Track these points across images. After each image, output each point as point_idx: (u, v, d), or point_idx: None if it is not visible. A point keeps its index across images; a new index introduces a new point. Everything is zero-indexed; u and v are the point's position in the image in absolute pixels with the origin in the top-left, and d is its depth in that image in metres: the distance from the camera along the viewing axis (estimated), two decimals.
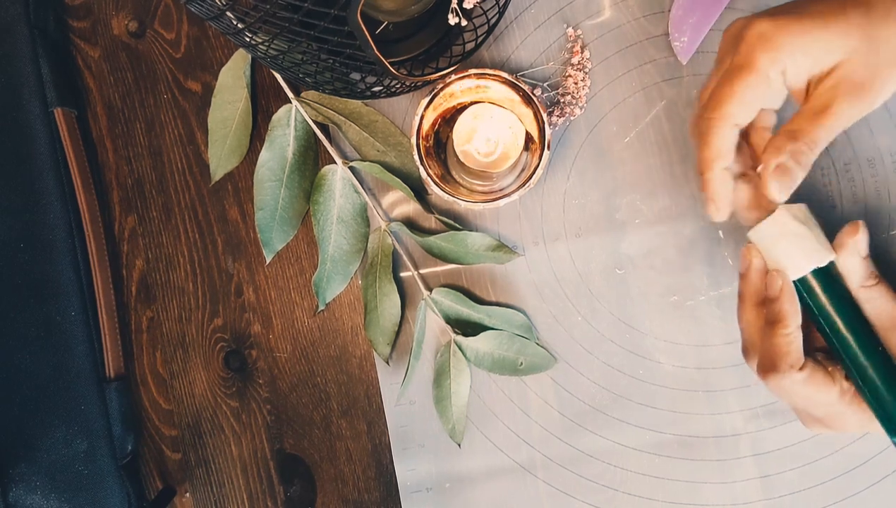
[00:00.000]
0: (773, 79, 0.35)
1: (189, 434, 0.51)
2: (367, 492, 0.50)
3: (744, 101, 0.36)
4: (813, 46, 0.35)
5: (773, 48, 0.35)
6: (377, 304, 0.49)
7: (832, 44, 0.35)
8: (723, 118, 0.36)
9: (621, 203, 0.49)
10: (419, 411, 0.50)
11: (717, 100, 0.36)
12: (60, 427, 0.47)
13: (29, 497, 0.47)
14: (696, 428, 0.49)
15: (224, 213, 0.51)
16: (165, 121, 0.51)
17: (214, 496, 0.51)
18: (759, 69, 0.35)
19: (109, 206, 0.52)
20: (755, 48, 0.35)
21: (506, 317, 0.49)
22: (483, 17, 0.46)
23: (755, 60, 0.35)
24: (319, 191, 0.49)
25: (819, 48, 0.35)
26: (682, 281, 0.49)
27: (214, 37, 0.51)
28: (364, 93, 0.45)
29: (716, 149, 0.37)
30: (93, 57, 0.51)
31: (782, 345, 0.37)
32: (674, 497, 0.49)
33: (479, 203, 0.45)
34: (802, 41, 0.35)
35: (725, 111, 0.36)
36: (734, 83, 0.36)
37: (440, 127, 0.48)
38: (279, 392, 0.51)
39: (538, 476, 0.49)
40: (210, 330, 0.51)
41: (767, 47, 0.35)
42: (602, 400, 0.49)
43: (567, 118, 0.49)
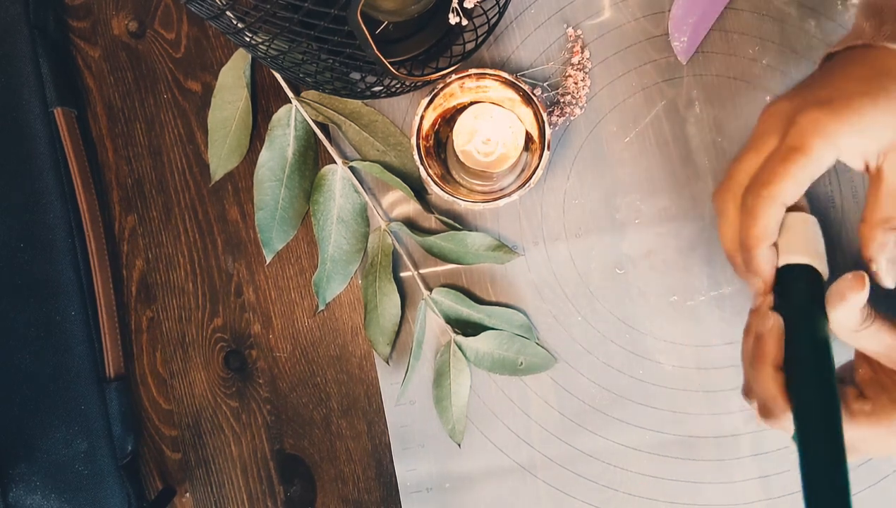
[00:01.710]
0: (826, 163, 0.36)
1: (189, 434, 0.51)
2: (367, 492, 0.50)
3: (796, 183, 0.36)
4: (867, 128, 0.35)
5: (828, 134, 0.35)
6: (377, 304, 0.49)
7: (884, 123, 0.35)
8: (774, 197, 0.36)
9: (621, 203, 0.49)
10: (419, 411, 0.50)
11: (769, 179, 0.36)
12: (60, 428, 0.47)
13: (29, 497, 0.47)
14: (696, 428, 0.49)
15: (224, 213, 0.51)
16: (165, 121, 0.51)
17: (214, 496, 0.51)
18: (814, 154, 0.35)
19: (109, 206, 0.52)
20: (810, 134, 0.36)
21: (506, 317, 0.49)
22: (483, 17, 0.46)
23: (811, 146, 0.35)
24: (319, 190, 0.49)
25: (873, 129, 0.35)
26: (682, 282, 0.49)
27: (214, 37, 0.51)
28: (364, 93, 0.45)
29: (764, 228, 0.37)
30: (93, 57, 0.51)
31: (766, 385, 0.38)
32: (674, 497, 0.49)
33: (479, 203, 0.45)
34: (856, 126, 0.35)
35: (777, 190, 0.36)
36: (788, 165, 0.36)
37: (440, 127, 0.48)
38: (279, 392, 0.51)
39: (538, 476, 0.49)
40: (210, 330, 0.51)
41: (823, 134, 0.35)
42: (602, 400, 0.49)
43: (567, 118, 0.49)
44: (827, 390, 0.35)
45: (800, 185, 0.36)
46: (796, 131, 0.36)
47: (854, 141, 0.35)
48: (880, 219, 0.36)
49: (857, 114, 0.35)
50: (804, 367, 0.36)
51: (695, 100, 0.48)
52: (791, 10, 0.48)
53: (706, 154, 0.48)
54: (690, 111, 0.48)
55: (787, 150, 0.36)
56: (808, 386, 0.35)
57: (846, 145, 0.35)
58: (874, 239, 0.37)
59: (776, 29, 0.48)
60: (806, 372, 0.36)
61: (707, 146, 0.48)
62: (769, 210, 0.37)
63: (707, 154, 0.48)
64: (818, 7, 0.48)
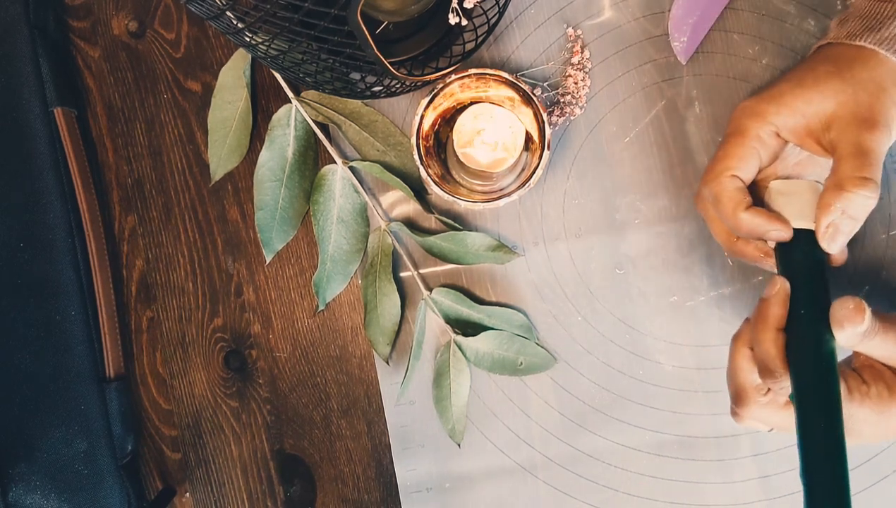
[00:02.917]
0: (766, 138, 0.40)
1: (189, 434, 0.51)
2: (367, 492, 0.50)
3: (738, 158, 0.40)
4: (795, 104, 0.39)
5: (757, 113, 0.40)
6: (377, 304, 0.49)
7: (813, 97, 0.39)
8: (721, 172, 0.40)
9: (621, 203, 0.49)
10: (419, 411, 0.50)
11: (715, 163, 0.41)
12: (60, 428, 0.47)
13: (29, 497, 0.47)
14: (695, 429, 0.49)
15: (224, 213, 0.51)
16: (165, 121, 0.51)
17: (214, 496, 0.51)
18: (746, 132, 0.40)
19: (109, 206, 0.52)
20: (740, 117, 0.41)
21: (506, 317, 0.49)
22: (483, 17, 0.46)
23: (742, 126, 0.40)
24: (319, 190, 0.49)
25: (800, 103, 0.39)
26: (682, 282, 0.49)
27: (214, 37, 0.51)
28: (364, 93, 0.45)
29: (730, 201, 0.40)
30: (93, 57, 0.51)
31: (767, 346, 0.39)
32: (674, 497, 0.49)
33: (479, 203, 0.45)
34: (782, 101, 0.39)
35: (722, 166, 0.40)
36: (727, 145, 0.41)
37: (440, 127, 0.48)
38: (279, 392, 0.51)
39: (538, 477, 0.49)
40: (210, 330, 0.51)
41: (752, 114, 0.40)
42: (602, 401, 0.49)
43: (567, 118, 0.49)
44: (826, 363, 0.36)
45: (743, 161, 0.40)
46: (732, 119, 0.42)
47: (784, 118, 0.39)
48: (831, 184, 0.38)
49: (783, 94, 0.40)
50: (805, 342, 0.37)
51: (694, 99, 0.48)
52: (791, 10, 0.48)
53: (706, 153, 0.48)
54: (690, 111, 0.48)
55: (726, 137, 0.41)
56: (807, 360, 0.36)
57: (779, 122, 0.39)
58: (821, 200, 0.38)
59: (776, 29, 0.48)
60: (806, 347, 0.36)
61: (707, 145, 0.48)
62: (723, 184, 0.40)
63: (707, 153, 0.48)
64: (818, 7, 0.48)
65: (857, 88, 0.38)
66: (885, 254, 0.48)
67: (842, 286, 0.48)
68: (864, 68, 0.38)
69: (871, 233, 0.48)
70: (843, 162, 0.37)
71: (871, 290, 0.48)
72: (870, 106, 0.37)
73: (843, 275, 0.48)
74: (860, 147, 0.37)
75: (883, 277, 0.48)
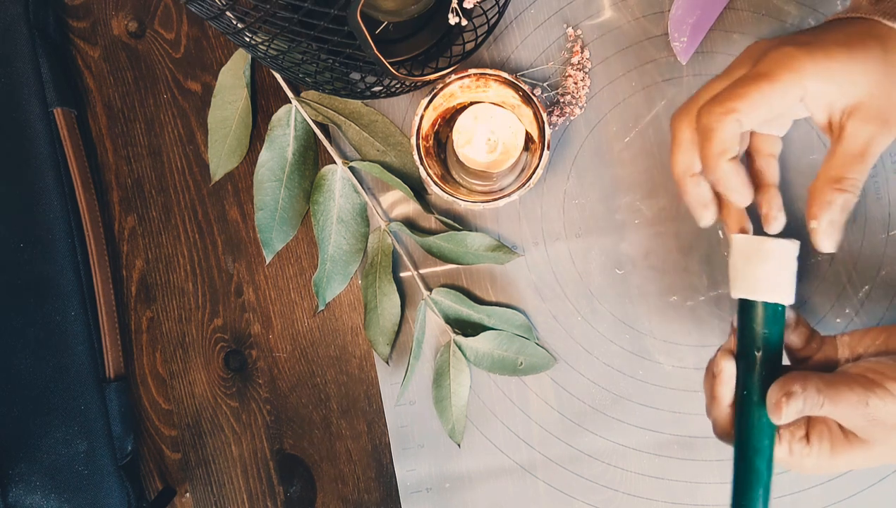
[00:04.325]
0: (790, 97, 0.36)
1: (189, 435, 0.51)
2: (367, 492, 0.50)
3: (754, 105, 0.36)
4: (837, 75, 0.35)
5: (796, 68, 0.35)
6: (377, 304, 0.49)
7: (856, 75, 0.35)
8: (728, 111, 0.36)
9: (621, 203, 0.49)
10: (419, 411, 0.50)
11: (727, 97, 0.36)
12: (60, 428, 0.47)
13: (29, 497, 0.47)
14: (696, 428, 0.49)
15: (224, 213, 0.51)
16: (165, 121, 0.51)
17: (214, 496, 0.51)
18: (778, 82, 0.35)
19: (109, 206, 0.52)
20: (779, 64, 0.35)
21: (506, 317, 0.49)
22: (483, 17, 0.46)
23: (776, 73, 0.35)
24: (319, 191, 0.49)
25: (843, 78, 0.35)
26: (682, 282, 0.49)
27: (214, 37, 0.51)
28: (364, 93, 0.45)
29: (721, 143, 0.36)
30: (93, 57, 0.51)
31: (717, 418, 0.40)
32: (674, 497, 0.49)
33: (479, 203, 0.45)
34: (827, 68, 0.35)
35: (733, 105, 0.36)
36: (749, 86, 0.36)
37: (440, 127, 0.48)
38: (279, 392, 0.51)
39: (538, 477, 0.49)
40: (210, 330, 0.51)
41: (791, 66, 0.35)
42: (602, 401, 0.49)
43: (567, 118, 0.49)
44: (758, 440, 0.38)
45: (757, 110, 0.36)
46: (767, 60, 0.36)
47: (821, 86, 0.35)
48: (831, 178, 0.36)
49: (831, 59, 0.35)
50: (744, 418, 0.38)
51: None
52: (791, 10, 0.48)
53: None
54: None
55: (753, 75, 0.36)
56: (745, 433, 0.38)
57: (813, 88, 0.35)
58: (821, 195, 0.36)
59: (776, 29, 0.48)
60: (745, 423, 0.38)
61: None
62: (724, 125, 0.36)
63: None
64: (818, 6, 0.48)
65: (893, 82, 0.35)
66: (885, 254, 0.48)
67: (842, 286, 0.48)
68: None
69: (870, 233, 0.48)
70: (850, 159, 0.36)
71: (871, 290, 0.48)
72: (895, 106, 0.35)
73: (844, 276, 0.48)
74: (869, 147, 0.36)
75: (883, 277, 0.48)
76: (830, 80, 0.35)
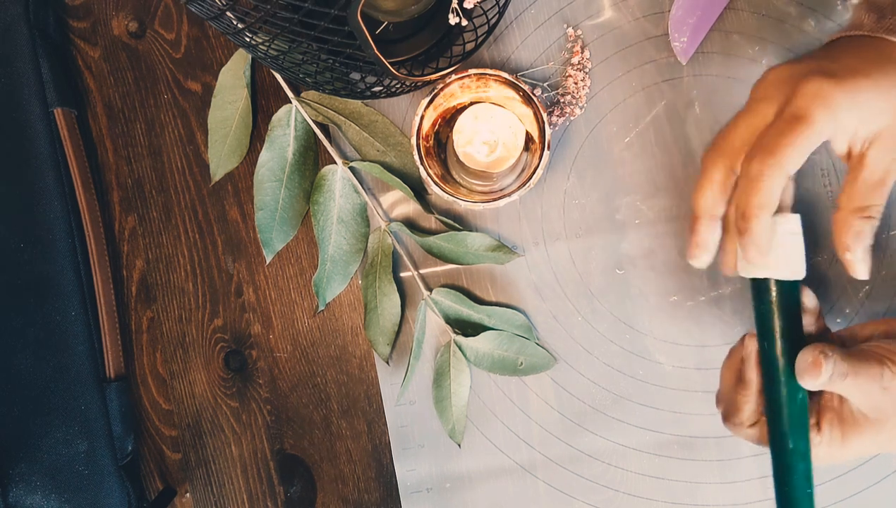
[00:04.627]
0: (826, 135, 0.35)
1: (189, 435, 0.51)
2: (367, 492, 0.50)
3: (800, 153, 0.35)
4: (864, 107, 0.35)
5: (830, 105, 0.35)
6: (377, 304, 0.49)
7: (880, 105, 0.35)
8: (781, 166, 0.35)
9: (621, 203, 0.49)
10: (419, 411, 0.50)
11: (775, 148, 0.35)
12: (60, 428, 0.47)
13: (29, 497, 0.47)
14: (696, 429, 0.49)
15: (224, 213, 0.51)
16: (165, 121, 0.51)
17: (214, 496, 0.51)
18: (817, 124, 0.35)
19: (109, 206, 0.52)
20: (813, 103, 0.35)
21: (506, 317, 0.49)
22: (483, 17, 0.46)
23: (814, 115, 0.35)
24: (319, 191, 0.49)
25: (869, 109, 0.35)
26: (682, 282, 0.49)
27: (214, 37, 0.51)
28: (364, 93, 0.45)
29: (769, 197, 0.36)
30: (93, 57, 0.51)
31: (740, 403, 0.39)
32: (674, 497, 0.49)
33: (479, 203, 0.45)
34: (855, 100, 0.35)
35: (784, 159, 0.35)
36: (794, 134, 0.35)
37: (440, 127, 0.48)
38: (279, 392, 0.51)
39: (538, 476, 0.49)
40: (210, 330, 0.51)
41: (825, 104, 0.35)
42: (602, 401, 0.49)
43: (567, 118, 0.49)
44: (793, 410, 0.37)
45: (803, 156, 0.35)
46: (800, 98, 0.35)
47: (850, 120, 0.35)
48: (857, 208, 0.36)
49: (859, 91, 0.35)
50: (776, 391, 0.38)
51: (695, 100, 0.48)
52: (791, 10, 0.48)
53: None
54: (690, 111, 0.48)
55: (791, 119, 0.35)
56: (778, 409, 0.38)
57: (844, 122, 0.35)
58: (851, 227, 0.37)
59: (776, 29, 0.48)
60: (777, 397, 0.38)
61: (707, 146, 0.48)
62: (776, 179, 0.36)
63: None
64: (818, 7, 0.48)
65: None
66: (885, 254, 0.48)
67: (842, 286, 0.48)
68: None
69: None
70: (872, 187, 0.36)
71: (871, 290, 0.48)
72: None
73: (844, 276, 0.48)
74: (889, 174, 0.36)
75: (883, 277, 0.48)
76: (860, 112, 0.35)
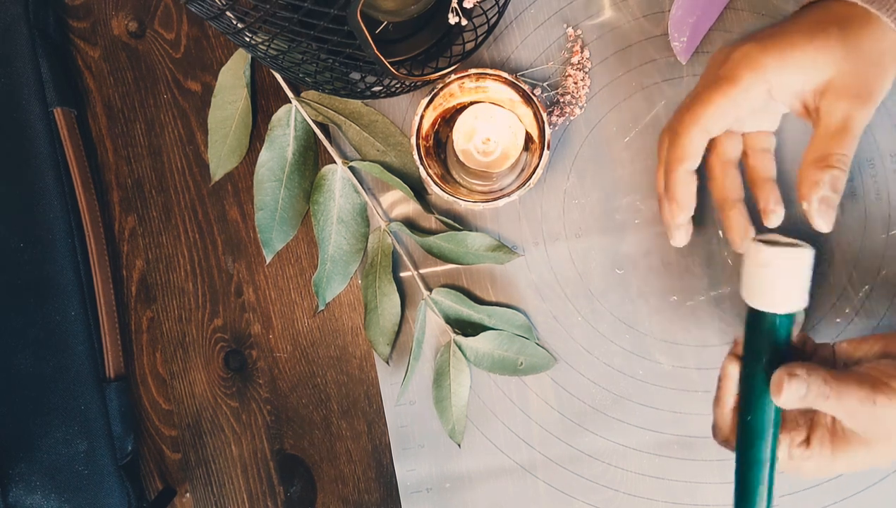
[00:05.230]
0: (756, 94, 0.37)
1: (189, 435, 0.51)
2: (367, 493, 0.50)
3: (719, 109, 0.37)
4: (799, 63, 0.36)
5: (757, 66, 0.37)
6: (377, 304, 0.49)
7: (818, 59, 0.36)
8: (696, 119, 0.38)
9: (621, 203, 0.49)
10: (419, 411, 0.50)
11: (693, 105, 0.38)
12: (60, 428, 0.47)
13: (29, 497, 0.47)
14: (696, 428, 0.49)
15: (224, 213, 0.51)
16: (165, 122, 0.51)
17: (214, 496, 0.51)
18: (740, 82, 0.37)
19: (109, 206, 0.52)
20: (739, 65, 0.37)
21: (506, 317, 0.49)
22: (483, 16, 0.46)
23: (737, 75, 0.37)
24: (319, 191, 0.49)
25: (806, 64, 0.36)
26: (682, 282, 0.49)
27: (214, 37, 0.51)
28: (364, 93, 0.45)
29: (683, 149, 0.38)
30: (93, 57, 0.51)
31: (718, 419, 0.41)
32: (674, 497, 0.49)
33: (479, 203, 0.45)
34: (788, 58, 0.36)
35: (698, 114, 0.38)
36: (712, 93, 0.37)
37: (440, 127, 0.48)
38: (279, 392, 0.51)
39: (538, 477, 0.49)
40: (210, 330, 0.51)
41: (752, 65, 0.37)
42: (602, 401, 0.49)
43: (567, 118, 0.49)
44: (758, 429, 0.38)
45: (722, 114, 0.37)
46: (728, 63, 0.37)
47: (785, 76, 0.37)
48: (815, 158, 0.37)
49: (790, 49, 0.36)
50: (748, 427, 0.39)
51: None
52: (790, 10, 0.48)
53: None
54: None
55: (716, 79, 0.38)
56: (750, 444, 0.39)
57: (777, 80, 0.36)
58: (808, 177, 0.37)
59: None
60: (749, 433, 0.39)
61: None
62: (691, 132, 0.38)
63: None
64: None
65: (860, 60, 0.36)
66: (885, 254, 0.48)
67: (842, 286, 0.48)
68: (871, 38, 0.36)
69: (870, 233, 0.48)
70: (831, 136, 0.37)
71: (871, 290, 0.48)
72: (867, 81, 0.36)
73: (844, 276, 0.48)
74: (847, 122, 0.36)
75: (883, 277, 0.48)
76: (793, 68, 0.36)
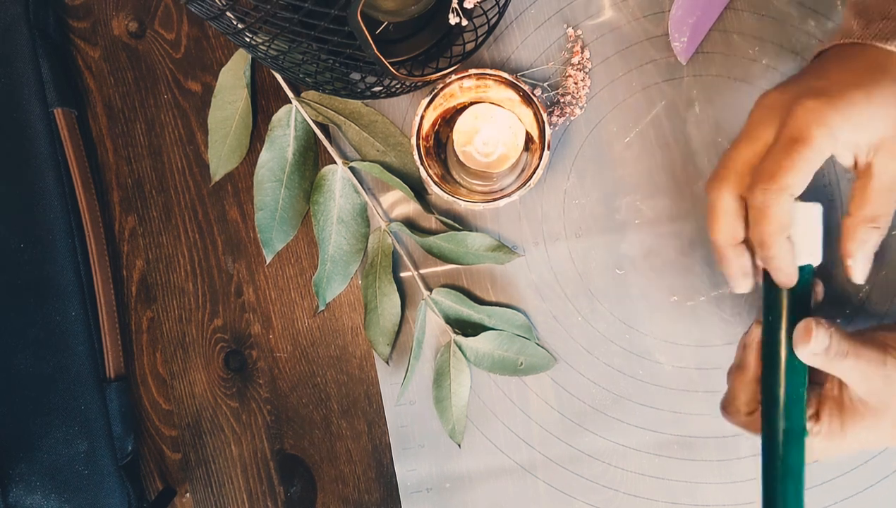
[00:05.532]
0: (826, 153, 0.36)
1: (189, 435, 0.51)
2: (367, 493, 0.50)
3: (802, 174, 0.36)
4: (860, 121, 0.35)
5: (826, 124, 0.35)
6: (377, 304, 0.49)
7: (877, 116, 0.35)
8: (783, 190, 0.36)
9: (621, 203, 0.49)
10: (419, 411, 0.50)
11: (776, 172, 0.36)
12: (60, 428, 0.47)
13: (29, 497, 0.47)
14: (696, 429, 0.49)
15: (224, 213, 0.51)
16: (165, 122, 0.51)
17: (214, 496, 0.51)
18: (815, 143, 0.35)
19: (109, 206, 0.52)
20: (809, 123, 0.35)
21: (506, 317, 0.49)
22: (483, 17, 0.46)
23: (811, 135, 0.35)
24: (319, 191, 0.49)
25: (866, 122, 0.35)
26: (682, 282, 0.49)
27: (214, 37, 0.51)
28: (364, 93, 0.45)
29: (779, 222, 0.37)
30: (93, 57, 0.51)
31: (737, 389, 0.40)
32: (674, 497, 0.49)
33: (479, 203, 0.45)
34: (851, 117, 0.35)
35: (786, 183, 0.36)
36: (793, 156, 0.36)
37: (440, 127, 0.48)
38: (279, 392, 0.51)
39: (538, 477, 0.49)
40: (210, 330, 0.51)
41: (822, 123, 0.35)
42: (602, 401, 0.49)
43: (567, 118, 0.49)
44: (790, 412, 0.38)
45: (805, 176, 0.36)
46: (795, 121, 0.36)
47: (849, 133, 0.36)
48: (865, 217, 0.37)
49: (853, 106, 0.35)
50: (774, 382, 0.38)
51: (695, 100, 0.48)
52: (791, 11, 0.48)
53: (706, 154, 0.48)
54: (690, 111, 0.48)
55: (788, 141, 0.36)
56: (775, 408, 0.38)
57: (842, 137, 0.35)
58: (857, 236, 0.37)
59: (776, 29, 0.48)
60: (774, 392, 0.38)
61: (707, 146, 0.48)
62: (781, 204, 0.36)
63: (707, 154, 0.48)
64: (818, 7, 0.48)
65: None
66: (885, 254, 0.48)
67: (842, 286, 0.48)
68: None
69: None
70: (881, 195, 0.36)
71: (871, 290, 0.48)
72: None
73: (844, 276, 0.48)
74: None
75: (883, 277, 0.48)
76: (857, 126, 0.36)
